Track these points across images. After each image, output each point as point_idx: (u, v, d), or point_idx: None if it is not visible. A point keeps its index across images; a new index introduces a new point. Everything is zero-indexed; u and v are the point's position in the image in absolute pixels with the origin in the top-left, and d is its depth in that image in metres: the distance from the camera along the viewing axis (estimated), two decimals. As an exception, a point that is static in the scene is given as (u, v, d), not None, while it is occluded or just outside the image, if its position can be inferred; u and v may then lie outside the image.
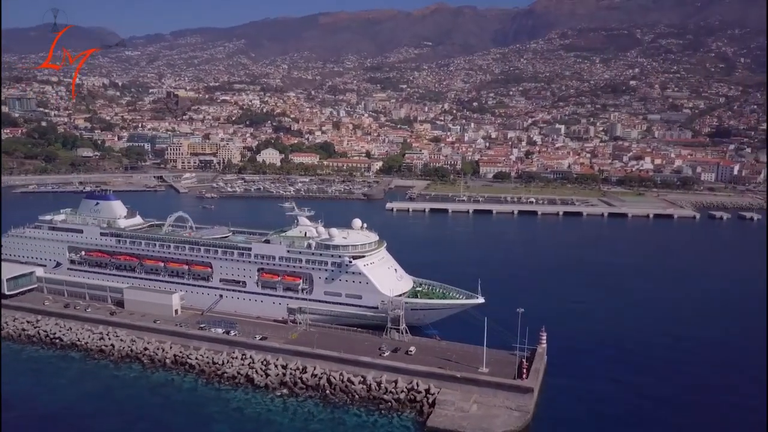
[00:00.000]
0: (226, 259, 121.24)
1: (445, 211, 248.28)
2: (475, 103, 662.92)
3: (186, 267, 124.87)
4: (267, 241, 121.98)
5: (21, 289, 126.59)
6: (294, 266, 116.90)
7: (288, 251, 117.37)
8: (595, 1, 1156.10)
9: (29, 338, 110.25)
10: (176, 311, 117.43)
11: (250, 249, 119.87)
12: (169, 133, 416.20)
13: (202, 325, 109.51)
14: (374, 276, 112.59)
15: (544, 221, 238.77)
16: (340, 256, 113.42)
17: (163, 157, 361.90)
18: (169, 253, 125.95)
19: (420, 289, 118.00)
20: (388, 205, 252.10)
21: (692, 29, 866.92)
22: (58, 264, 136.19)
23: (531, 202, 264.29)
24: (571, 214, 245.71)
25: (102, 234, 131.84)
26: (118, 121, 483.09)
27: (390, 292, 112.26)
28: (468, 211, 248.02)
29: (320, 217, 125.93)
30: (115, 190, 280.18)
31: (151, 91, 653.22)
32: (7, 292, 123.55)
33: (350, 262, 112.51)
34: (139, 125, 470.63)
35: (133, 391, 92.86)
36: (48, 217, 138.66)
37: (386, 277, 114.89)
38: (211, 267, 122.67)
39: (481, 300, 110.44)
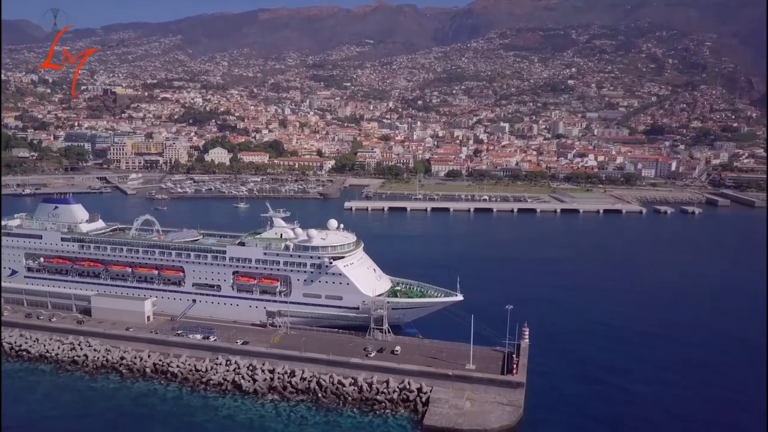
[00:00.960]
0: (200, 263, 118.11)
1: (404, 209, 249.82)
2: (419, 102, 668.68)
3: (156, 272, 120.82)
4: (242, 244, 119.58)
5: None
6: (271, 269, 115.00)
7: (265, 253, 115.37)
8: (531, 2, 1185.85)
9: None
10: (148, 318, 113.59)
11: (224, 252, 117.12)
12: (109, 132, 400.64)
13: (179, 332, 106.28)
14: (354, 276, 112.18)
15: (500, 218, 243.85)
16: (319, 258, 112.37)
17: (105, 158, 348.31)
18: (138, 257, 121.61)
19: (399, 288, 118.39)
20: (347, 204, 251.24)
21: (623, 31, 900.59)
22: (14, 272, 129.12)
23: (485, 200, 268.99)
24: (526, 210, 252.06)
25: (63, 239, 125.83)
26: (51, 120, 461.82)
27: (370, 292, 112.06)
28: (426, 210, 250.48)
29: (294, 218, 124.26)
30: (57, 192, 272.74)
31: (82, 87, 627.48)
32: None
33: (330, 263, 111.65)
34: (76, 124, 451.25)
35: (114, 403, 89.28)
36: (2, 223, 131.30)
37: (366, 278, 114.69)
38: (183, 271, 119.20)
39: (460, 297, 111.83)
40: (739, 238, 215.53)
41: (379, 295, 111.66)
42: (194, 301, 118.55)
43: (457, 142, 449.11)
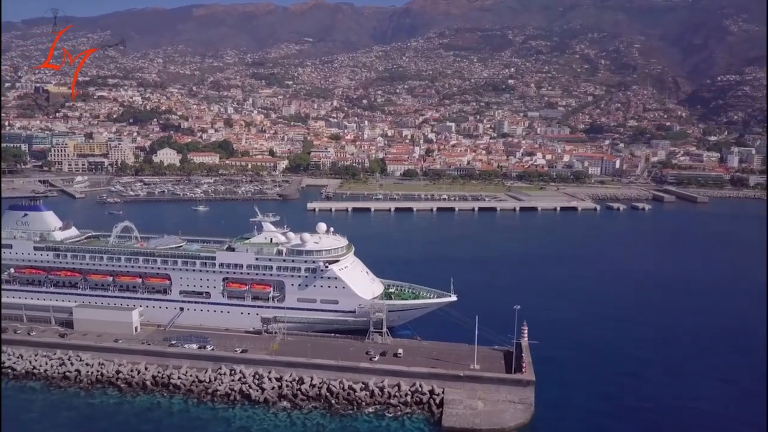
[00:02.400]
0: (187, 270, 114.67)
1: (368, 210, 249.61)
2: (364, 101, 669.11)
3: (140, 280, 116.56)
4: (231, 249, 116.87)
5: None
6: (263, 274, 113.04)
7: (256, 258, 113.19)
8: (467, 2, 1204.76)
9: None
10: (136, 329, 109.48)
11: (214, 258, 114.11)
12: (46, 132, 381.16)
13: (172, 342, 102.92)
14: (350, 280, 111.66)
15: (462, 217, 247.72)
16: (314, 262, 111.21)
17: (45, 159, 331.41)
18: (120, 266, 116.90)
19: (392, 290, 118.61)
20: (310, 205, 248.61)
21: (557, 32, 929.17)
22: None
23: (444, 199, 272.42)
24: (486, 209, 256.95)
25: (36, 248, 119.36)
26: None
27: (366, 295, 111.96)
28: (390, 210, 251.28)
29: (283, 222, 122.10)
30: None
31: (7, 84, 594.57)
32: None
33: (326, 267, 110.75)
34: (6, 124, 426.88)
35: (119, 419, 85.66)
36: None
37: (360, 281, 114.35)
38: (170, 279, 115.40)
39: (454, 298, 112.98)
40: (692, 232, 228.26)
41: (375, 298, 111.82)
42: (182, 309, 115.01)
43: (407, 141, 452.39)
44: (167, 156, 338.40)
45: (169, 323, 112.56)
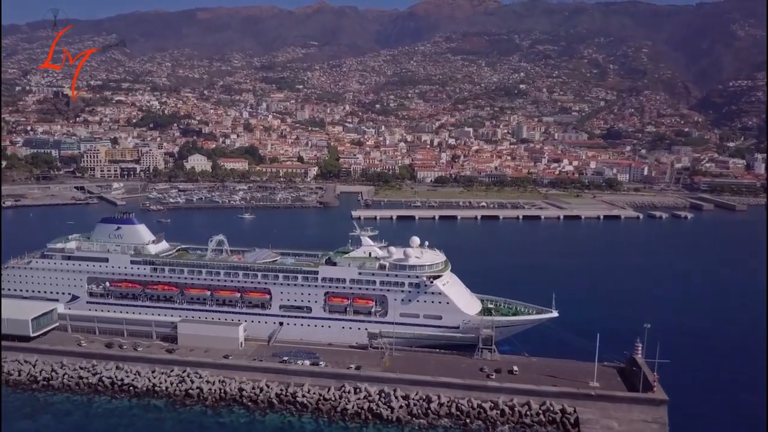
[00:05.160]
0: (288, 284, 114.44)
1: (412, 218, 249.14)
2: (377, 105, 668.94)
3: (238, 295, 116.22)
4: (331, 263, 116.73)
5: (44, 330, 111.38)
6: (366, 288, 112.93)
7: (359, 273, 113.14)
8: (471, 6, 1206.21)
9: (90, 387, 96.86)
10: (241, 344, 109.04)
11: (316, 273, 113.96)
12: (73, 138, 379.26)
13: (284, 358, 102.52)
14: (453, 295, 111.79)
15: (508, 225, 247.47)
16: (417, 277, 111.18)
17: (78, 165, 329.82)
18: (219, 280, 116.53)
19: (490, 306, 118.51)
20: (355, 213, 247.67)
21: (564, 36, 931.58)
22: (74, 297, 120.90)
23: (484, 206, 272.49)
24: (530, 218, 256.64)
25: (133, 262, 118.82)
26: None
27: (469, 311, 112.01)
28: (434, 218, 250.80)
29: (380, 236, 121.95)
30: (40, 204, 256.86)
31: (17, 88, 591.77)
32: (32, 334, 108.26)
33: (429, 282, 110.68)
34: (29, 128, 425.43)
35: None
36: (59, 245, 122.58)
37: (462, 296, 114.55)
38: (270, 293, 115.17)
39: (555, 314, 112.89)
40: (757, 240, 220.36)
41: (477, 314, 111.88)
42: (281, 323, 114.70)
43: (429, 147, 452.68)
44: (198, 162, 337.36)
45: (271, 338, 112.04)
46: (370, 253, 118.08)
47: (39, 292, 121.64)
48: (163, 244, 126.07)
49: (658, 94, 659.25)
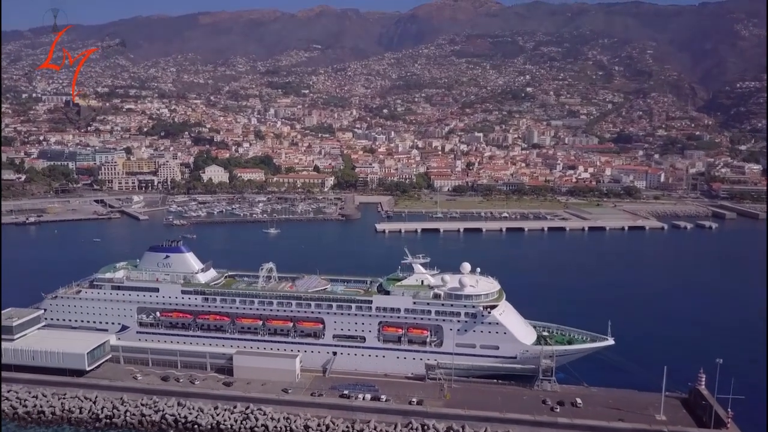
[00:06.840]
0: (342, 314, 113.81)
1: (437, 231, 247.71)
2: (384, 110, 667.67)
3: (291, 324, 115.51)
4: (384, 291, 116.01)
5: (98, 362, 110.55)
6: (421, 318, 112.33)
7: (414, 303, 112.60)
8: (473, 8, 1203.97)
9: (154, 425, 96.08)
10: (298, 375, 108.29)
11: (370, 302, 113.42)
12: (89, 149, 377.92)
13: (345, 392, 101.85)
14: (510, 325, 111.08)
15: (534, 237, 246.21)
16: (473, 306, 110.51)
17: (95, 177, 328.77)
18: (271, 310, 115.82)
19: (545, 333, 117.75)
20: (379, 227, 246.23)
21: (568, 38, 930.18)
22: (124, 327, 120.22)
23: (505, 218, 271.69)
24: (555, 229, 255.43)
25: (184, 292, 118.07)
26: (11, 134, 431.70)
27: (526, 340, 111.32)
28: (459, 230, 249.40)
29: (433, 264, 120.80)
30: (62, 219, 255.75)
31: (24, 95, 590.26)
32: (87, 368, 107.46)
33: (487, 312, 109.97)
34: (41, 138, 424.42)
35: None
36: (108, 275, 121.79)
37: (518, 326, 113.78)
38: (323, 323, 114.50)
39: (611, 342, 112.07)
40: None
41: (533, 343, 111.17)
42: (335, 353, 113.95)
43: (440, 153, 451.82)
44: (215, 173, 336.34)
45: (326, 369, 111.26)
46: (422, 281, 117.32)
47: (88, 322, 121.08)
48: (212, 272, 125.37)
49: (665, 96, 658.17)
